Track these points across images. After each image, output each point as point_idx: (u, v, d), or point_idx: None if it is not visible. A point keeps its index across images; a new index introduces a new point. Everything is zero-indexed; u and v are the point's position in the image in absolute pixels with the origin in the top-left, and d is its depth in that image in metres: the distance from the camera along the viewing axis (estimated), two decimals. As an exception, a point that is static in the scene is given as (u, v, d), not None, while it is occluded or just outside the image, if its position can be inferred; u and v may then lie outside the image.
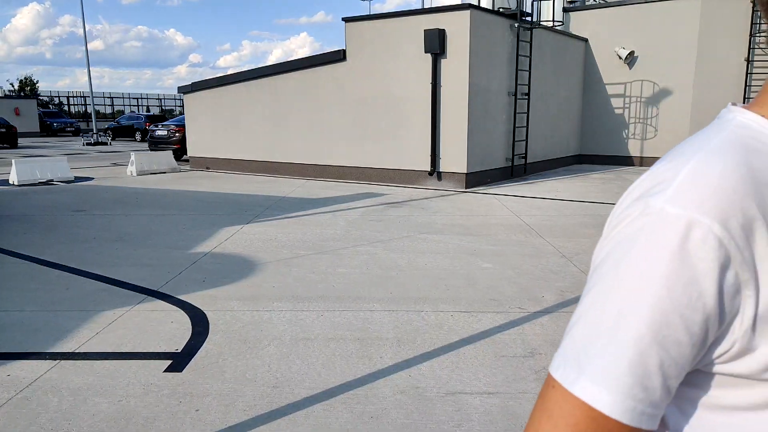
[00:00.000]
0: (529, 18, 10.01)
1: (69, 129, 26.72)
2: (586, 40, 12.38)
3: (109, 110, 36.86)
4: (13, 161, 9.43)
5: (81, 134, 24.80)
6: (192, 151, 12.32)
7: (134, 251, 4.91)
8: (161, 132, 14.05)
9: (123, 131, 23.85)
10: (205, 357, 2.79)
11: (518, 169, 10.18)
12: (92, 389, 2.45)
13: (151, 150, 13.36)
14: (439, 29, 8.68)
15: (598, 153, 12.60)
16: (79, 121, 29.73)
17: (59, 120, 27.18)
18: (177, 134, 13.61)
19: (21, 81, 38.04)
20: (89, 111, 26.19)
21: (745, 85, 10.91)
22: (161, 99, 39.00)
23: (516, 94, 9.86)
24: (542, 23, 10.83)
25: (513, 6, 9.96)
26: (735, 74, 11.00)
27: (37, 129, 25.89)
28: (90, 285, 3.95)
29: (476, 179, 9.15)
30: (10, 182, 9.26)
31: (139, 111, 35.13)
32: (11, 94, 32.46)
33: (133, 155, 11.00)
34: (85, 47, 19.97)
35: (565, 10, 12.41)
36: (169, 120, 16.59)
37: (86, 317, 3.30)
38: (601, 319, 0.40)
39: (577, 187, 9.01)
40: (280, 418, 2.25)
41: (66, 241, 5.26)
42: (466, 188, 8.91)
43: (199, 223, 6.13)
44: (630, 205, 0.42)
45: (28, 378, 2.56)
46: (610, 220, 0.44)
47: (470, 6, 8.62)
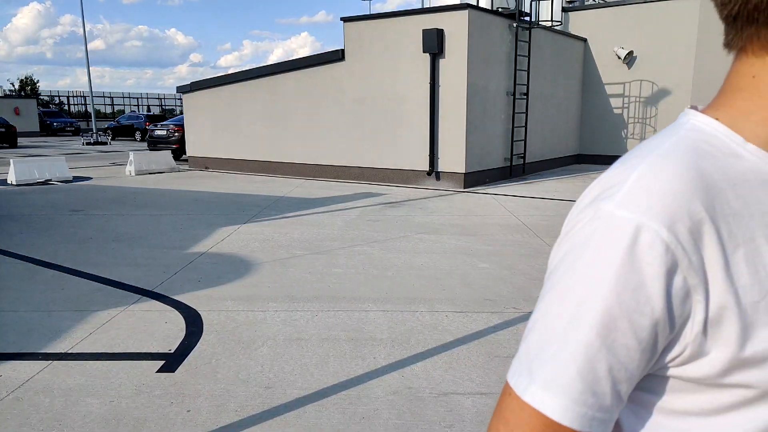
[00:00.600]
0: (528, 18, 10.01)
1: (69, 129, 26.73)
2: (585, 40, 12.37)
3: (109, 110, 36.89)
4: (12, 161, 9.43)
5: (81, 134, 24.81)
6: (191, 151, 12.32)
7: (130, 251, 4.91)
8: (160, 132, 14.05)
9: (123, 131, 23.86)
10: (199, 357, 2.79)
11: (517, 169, 10.17)
12: (84, 390, 2.45)
13: (150, 150, 13.36)
14: (438, 29, 8.67)
15: (597, 153, 12.59)
16: (79, 121, 29.76)
17: (59, 120, 27.19)
18: (176, 134, 13.61)
19: (21, 81, 38.08)
20: (89, 111, 26.20)
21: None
22: (161, 99, 39.03)
23: (514, 94, 9.86)
24: (541, 23, 10.82)
25: (512, 6, 9.95)
26: (734, 74, 10.97)
27: (37, 129, 25.91)
28: (85, 285, 3.95)
29: (475, 179, 9.14)
30: (9, 182, 9.27)
31: (140, 111, 35.16)
32: (11, 94, 32.47)
33: (132, 155, 11.00)
34: (85, 47, 19.99)
35: (564, 10, 12.40)
36: (168, 120, 16.58)
37: (80, 317, 3.30)
38: (553, 325, 0.40)
39: (576, 187, 9.01)
40: (272, 419, 2.24)
41: (62, 241, 5.26)
42: (465, 188, 8.90)
43: (197, 223, 6.13)
44: (583, 209, 0.42)
45: (20, 378, 2.56)
46: (566, 224, 0.43)
47: (468, 6, 8.61)
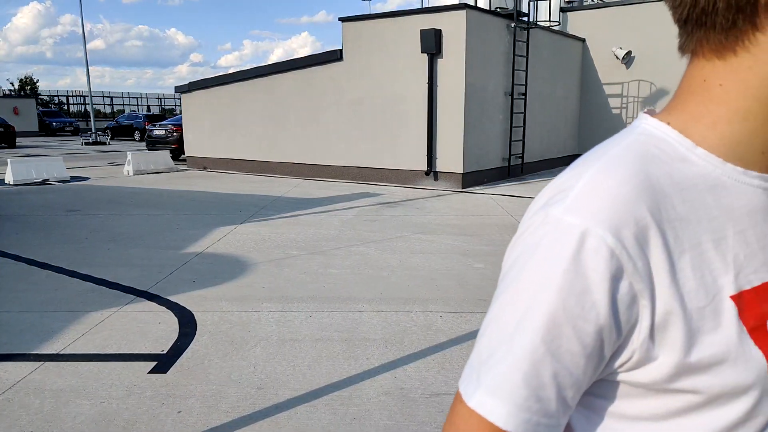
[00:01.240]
0: (526, 18, 10.00)
1: (68, 128, 26.72)
2: (584, 40, 12.36)
3: (109, 110, 36.89)
4: (9, 161, 9.43)
5: (80, 134, 24.82)
6: (189, 151, 12.32)
7: (126, 251, 4.90)
8: (159, 131, 14.04)
9: (122, 131, 23.85)
10: (191, 358, 2.78)
11: (515, 169, 10.17)
12: (75, 391, 2.44)
13: (149, 149, 13.35)
14: (436, 29, 8.66)
15: (596, 153, 12.59)
16: (79, 121, 29.75)
17: (58, 119, 27.18)
18: (174, 134, 13.60)
19: (21, 80, 38.08)
20: (89, 110, 26.19)
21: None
22: (161, 98, 39.02)
23: (513, 94, 9.85)
24: (539, 23, 10.82)
25: (510, 6, 9.94)
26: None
27: (36, 128, 25.91)
28: (79, 285, 3.94)
29: (473, 179, 9.14)
30: (6, 182, 9.26)
31: (139, 110, 35.15)
32: (11, 94, 32.47)
33: (130, 155, 10.99)
34: (84, 47, 19.99)
35: (563, 10, 12.40)
36: (167, 120, 16.57)
37: (73, 318, 3.30)
38: (501, 331, 0.40)
39: (574, 188, 8.99)
40: (262, 420, 2.24)
41: (58, 242, 5.26)
42: (463, 188, 8.90)
43: (193, 223, 6.13)
44: (534, 214, 0.42)
45: (11, 379, 2.55)
46: (520, 225, 0.43)
47: (466, 6, 8.61)
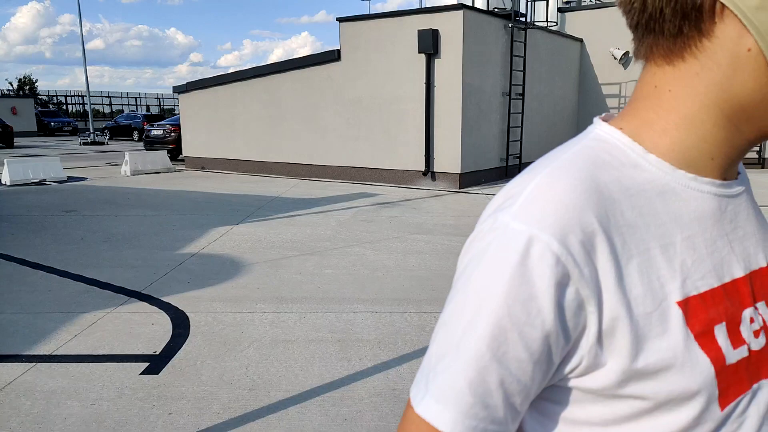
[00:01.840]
0: (524, 18, 10.00)
1: (66, 128, 26.69)
2: (581, 41, 12.36)
3: (108, 109, 36.86)
4: (6, 161, 9.41)
5: (78, 134, 24.77)
6: (187, 151, 12.30)
7: (121, 252, 4.90)
8: (157, 131, 14.02)
9: (121, 131, 23.82)
10: (184, 359, 2.78)
11: (513, 170, 10.17)
12: (66, 392, 2.44)
13: (147, 150, 13.34)
14: (433, 29, 8.66)
15: (594, 153, 12.60)
16: (77, 121, 29.71)
17: (57, 119, 27.14)
18: (172, 134, 13.58)
19: (20, 80, 38.04)
20: (87, 110, 26.16)
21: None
22: (160, 98, 38.98)
23: (510, 95, 9.85)
24: (537, 23, 10.82)
25: (508, 6, 9.94)
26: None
27: (35, 128, 25.87)
28: (73, 286, 3.93)
29: (470, 179, 9.14)
30: (2, 182, 9.24)
31: (139, 110, 35.11)
32: (9, 94, 32.44)
33: (127, 155, 10.97)
34: (82, 46, 19.97)
35: (560, 11, 12.40)
36: (165, 119, 16.56)
37: (66, 319, 3.29)
38: (450, 337, 0.40)
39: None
40: (253, 421, 2.24)
41: (53, 242, 5.25)
42: (460, 188, 8.90)
43: (190, 224, 6.12)
44: (484, 220, 0.41)
45: (2, 381, 2.54)
46: (474, 230, 0.43)
47: (463, 6, 8.60)
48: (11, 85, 37.53)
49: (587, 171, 0.40)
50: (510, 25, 9.64)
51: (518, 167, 10.26)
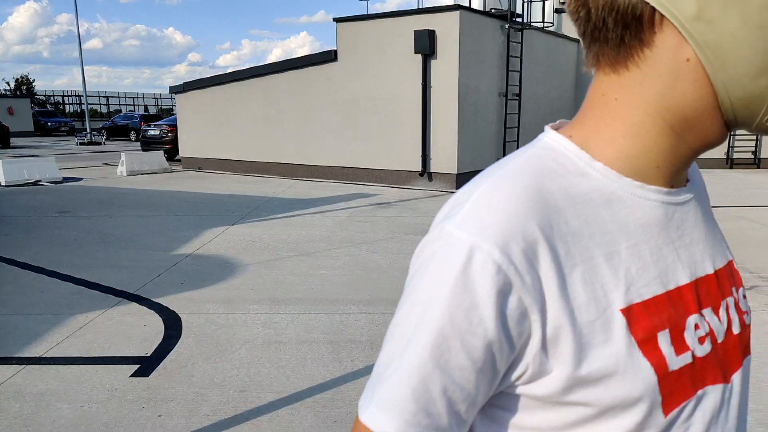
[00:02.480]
0: (520, 19, 10.01)
1: (63, 128, 26.62)
2: (578, 42, 12.37)
3: (105, 109, 36.79)
4: (1, 161, 9.38)
5: (75, 134, 24.72)
6: (184, 151, 12.28)
7: (115, 253, 4.88)
8: (153, 132, 13.99)
9: (118, 131, 23.77)
10: (175, 361, 2.77)
11: (509, 170, 10.17)
12: (56, 395, 2.43)
13: (144, 150, 13.31)
14: (429, 30, 8.67)
15: (591, 153, 12.61)
16: (74, 121, 29.63)
17: (54, 119, 27.08)
18: (169, 134, 13.56)
19: (17, 80, 37.95)
20: (84, 110, 26.10)
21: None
22: (158, 98, 38.91)
23: (507, 95, 9.86)
24: (533, 24, 10.83)
25: (504, 7, 9.96)
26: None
27: (31, 128, 25.80)
28: (66, 288, 3.92)
29: (467, 180, 9.10)
30: (-2, 182, 9.22)
31: (136, 110, 35.04)
32: (6, 93, 32.35)
33: (124, 155, 10.95)
34: (79, 46, 19.92)
35: (557, 12, 12.41)
36: (162, 120, 16.53)
37: (58, 321, 3.28)
38: (395, 344, 0.40)
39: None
40: (244, 423, 2.23)
41: (46, 243, 5.23)
42: (457, 189, 8.86)
43: (185, 224, 6.11)
44: (433, 228, 0.42)
45: (-8, 383, 2.53)
46: (422, 240, 0.43)
47: (460, 7, 8.61)
48: (8, 85, 37.44)
49: (532, 179, 0.40)
50: (506, 26, 9.65)
51: (515, 168, 10.26)
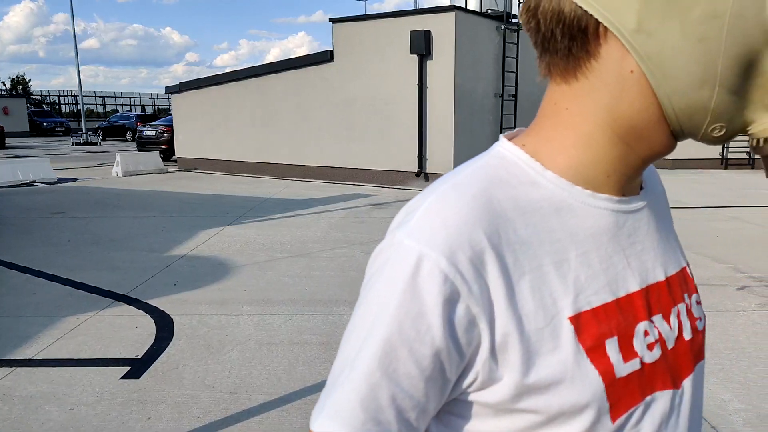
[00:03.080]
0: (516, 20, 10.03)
1: (59, 128, 26.52)
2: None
3: (102, 109, 36.67)
4: (-4, 162, 9.35)
5: (71, 134, 24.63)
6: (180, 152, 12.25)
7: (108, 254, 4.87)
8: (149, 132, 13.95)
9: (114, 131, 23.69)
10: (166, 363, 2.76)
11: (505, 171, 10.20)
12: (45, 397, 2.42)
13: (140, 150, 13.27)
14: (425, 31, 8.67)
15: (587, 154, 12.64)
16: (70, 121, 29.53)
17: (49, 119, 26.98)
18: (165, 134, 13.52)
19: (13, 80, 37.77)
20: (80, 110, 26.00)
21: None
22: (155, 98, 38.81)
23: (503, 96, 9.88)
24: (530, 25, 10.84)
25: (501, 8, 9.98)
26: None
27: (27, 128, 25.70)
28: (57, 289, 3.91)
29: (462, 180, 9.15)
30: (-7, 183, 9.18)
31: (133, 110, 34.94)
32: (1, 93, 32.19)
33: (119, 156, 10.91)
34: (75, 45, 19.85)
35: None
36: (158, 120, 16.48)
37: (49, 323, 3.26)
38: (347, 353, 0.40)
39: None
40: (233, 425, 2.23)
41: (39, 244, 5.21)
42: (452, 189, 8.91)
43: (179, 225, 6.09)
44: (386, 236, 0.42)
45: (-19, 385, 2.52)
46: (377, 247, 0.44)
47: (456, 8, 8.62)
48: (3, 85, 37.26)
49: (481, 189, 0.40)
50: (502, 27, 9.66)
51: (511, 168, 10.28)
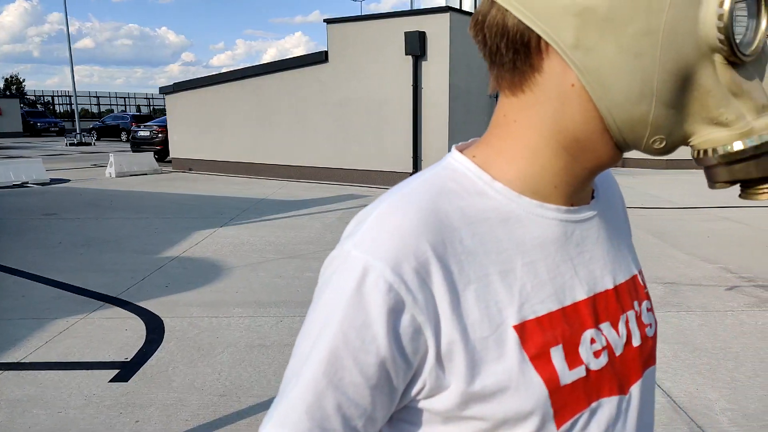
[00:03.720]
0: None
1: (53, 129, 26.38)
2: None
3: (96, 110, 36.48)
4: (-12, 163, 9.28)
5: (65, 134, 24.49)
6: (174, 153, 12.21)
7: (99, 256, 4.84)
8: (143, 132, 13.90)
9: (108, 131, 23.57)
10: (155, 365, 2.75)
11: (500, 171, 10.23)
12: (32, 401, 2.41)
13: (134, 151, 13.22)
14: (420, 32, 8.69)
15: (581, 155, 12.68)
16: (64, 121, 29.38)
17: (43, 120, 26.83)
18: (159, 135, 13.47)
19: (6, 80, 37.54)
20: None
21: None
22: (150, 98, 38.65)
23: (497, 96, 9.90)
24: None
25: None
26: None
27: (20, 129, 25.53)
28: (48, 292, 3.88)
29: (457, 181, 9.17)
30: (-15, 184, 9.11)
31: (128, 110, 34.77)
32: (-5, 93, 31.96)
33: (112, 156, 10.86)
34: (69, 44, 19.75)
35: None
36: (153, 120, 16.41)
37: (38, 326, 3.25)
38: (296, 362, 0.41)
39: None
40: (222, 428, 2.22)
41: (30, 246, 5.18)
42: (447, 190, 8.93)
43: (172, 227, 6.07)
44: (337, 246, 0.42)
45: (-32, 389, 2.50)
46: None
47: (450, 9, 8.64)
48: (-3, 85, 37.00)
49: (428, 200, 0.41)
50: (496, 28, 9.69)
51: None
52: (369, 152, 9.58)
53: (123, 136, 22.60)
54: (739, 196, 0.41)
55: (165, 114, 12.76)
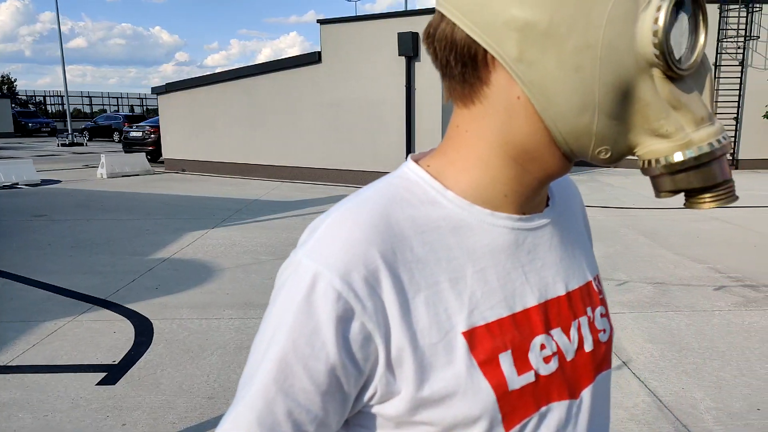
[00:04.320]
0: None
1: (45, 129, 26.15)
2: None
3: (89, 110, 36.20)
4: (-23, 164, 9.19)
5: (57, 134, 24.28)
6: (167, 153, 12.15)
7: (89, 258, 4.81)
8: (136, 133, 13.81)
9: (101, 131, 23.39)
10: (143, 368, 2.74)
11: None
12: (18, 404, 2.39)
13: (126, 151, 13.14)
14: (413, 32, 8.70)
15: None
16: (56, 121, 29.12)
17: (35, 120, 26.59)
18: (152, 135, 13.40)
19: (-3, 80, 37.14)
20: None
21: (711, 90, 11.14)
22: (143, 98, 38.41)
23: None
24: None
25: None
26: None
27: (11, 129, 25.29)
28: (36, 294, 3.85)
29: (450, 182, 9.19)
30: (-26, 185, 9.02)
31: (121, 110, 34.54)
32: (-15, 93, 31.62)
33: (104, 157, 10.79)
34: (60, 44, 19.60)
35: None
36: (145, 121, 16.32)
37: (25, 328, 3.22)
38: (249, 369, 0.42)
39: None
40: (209, 430, 2.21)
41: (19, 248, 5.14)
42: (440, 191, 8.94)
43: (164, 228, 6.04)
44: (291, 254, 0.43)
45: (-47, 393, 2.48)
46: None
47: (443, 9, 8.67)
48: (-12, 85, 36.63)
49: (380, 208, 0.41)
50: (489, 29, 9.73)
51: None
52: (362, 153, 9.58)
53: (115, 137, 22.44)
54: (684, 205, 0.42)
55: (158, 114, 12.68)
